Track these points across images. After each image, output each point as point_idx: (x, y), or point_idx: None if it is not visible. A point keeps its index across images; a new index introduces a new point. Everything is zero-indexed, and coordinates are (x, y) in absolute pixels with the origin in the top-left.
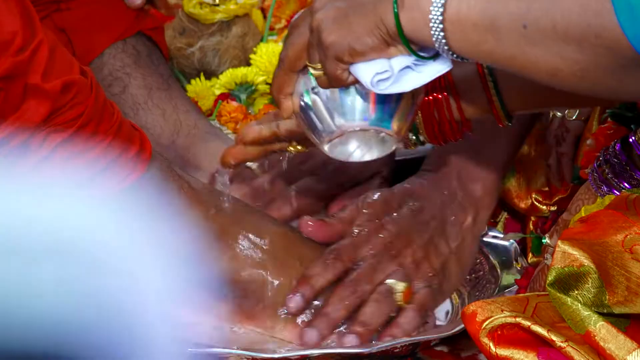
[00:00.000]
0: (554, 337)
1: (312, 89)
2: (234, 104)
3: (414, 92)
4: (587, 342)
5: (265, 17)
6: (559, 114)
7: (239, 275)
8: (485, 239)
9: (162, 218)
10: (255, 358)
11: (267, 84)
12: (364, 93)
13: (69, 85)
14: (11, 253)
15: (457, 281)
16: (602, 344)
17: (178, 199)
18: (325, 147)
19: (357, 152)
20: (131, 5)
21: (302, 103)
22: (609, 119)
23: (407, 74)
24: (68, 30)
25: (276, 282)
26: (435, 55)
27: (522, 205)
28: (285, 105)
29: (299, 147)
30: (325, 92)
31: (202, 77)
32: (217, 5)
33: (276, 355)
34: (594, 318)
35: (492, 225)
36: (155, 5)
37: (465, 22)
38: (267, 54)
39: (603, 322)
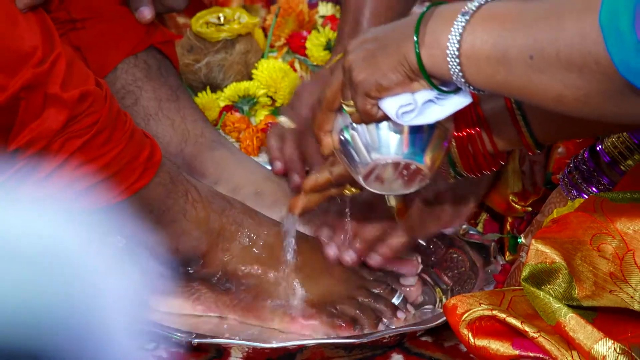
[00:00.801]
0: (527, 328)
1: (349, 125)
2: (237, 115)
3: (444, 129)
4: (558, 332)
5: (266, 35)
6: None
7: (240, 271)
8: (465, 238)
9: (168, 219)
10: (255, 348)
11: (267, 96)
12: (397, 129)
13: (85, 95)
14: (13, 257)
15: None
16: (571, 334)
17: (184, 201)
18: (362, 180)
19: (392, 184)
20: (142, 20)
21: (341, 138)
22: None
23: (430, 107)
24: (83, 48)
25: (274, 278)
26: (457, 90)
27: (500, 206)
28: (326, 142)
29: (353, 190)
30: (361, 128)
31: (208, 91)
32: (222, 25)
33: (275, 345)
34: (564, 310)
35: (473, 225)
36: (165, 24)
37: (479, 56)
38: (267, 69)
39: (572, 314)
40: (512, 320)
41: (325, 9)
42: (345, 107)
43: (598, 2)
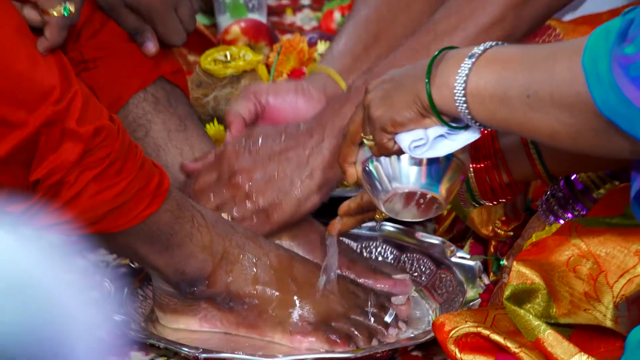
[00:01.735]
0: (509, 344)
1: (371, 157)
2: None
3: (460, 162)
4: (537, 348)
5: (269, 71)
6: None
7: (242, 292)
8: (454, 259)
9: (175, 243)
10: None
11: None
12: (416, 161)
13: (99, 129)
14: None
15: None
16: (549, 349)
17: (191, 226)
18: (382, 206)
19: (410, 212)
20: (148, 54)
21: (365, 169)
22: None
23: (441, 142)
24: (95, 87)
25: (274, 297)
26: (466, 126)
27: (485, 231)
28: (350, 172)
29: (383, 215)
30: (383, 160)
31: (216, 122)
32: (229, 62)
33: None
34: (543, 327)
35: (460, 247)
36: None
37: (483, 95)
38: None
39: (550, 331)
40: (495, 337)
41: (324, 47)
42: (365, 141)
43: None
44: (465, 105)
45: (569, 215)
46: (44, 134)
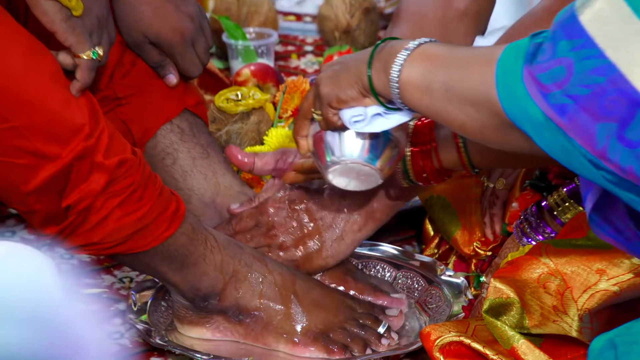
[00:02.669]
0: (487, 352)
1: (320, 132)
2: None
3: (397, 140)
4: (512, 355)
5: (275, 108)
6: (491, 185)
7: (250, 306)
8: (443, 277)
9: (190, 263)
10: None
11: None
12: (360, 137)
13: (122, 162)
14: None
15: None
16: (523, 356)
17: (204, 247)
18: (329, 176)
19: (352, 182)
20: (169, 85)
21: (314, 141)
22: (528, 188)
23: (378, 119)
24: (127, 121)
25: (278, 311)
26: (400, 108)
27: (467, 251)
28: (302, 144)
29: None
30: (330, 135)
31: None
32: (239, 100)
33: None
34: (517, 337)
35: (445, 265)
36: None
37: (412, 84)
38: (276, 136)
39: (524, 340)
40: (475, 345)
41: None
42: (314, 116)
43: (497, 57)
44: (397, 91)
45: (540, 237)
46: (75, 166)
